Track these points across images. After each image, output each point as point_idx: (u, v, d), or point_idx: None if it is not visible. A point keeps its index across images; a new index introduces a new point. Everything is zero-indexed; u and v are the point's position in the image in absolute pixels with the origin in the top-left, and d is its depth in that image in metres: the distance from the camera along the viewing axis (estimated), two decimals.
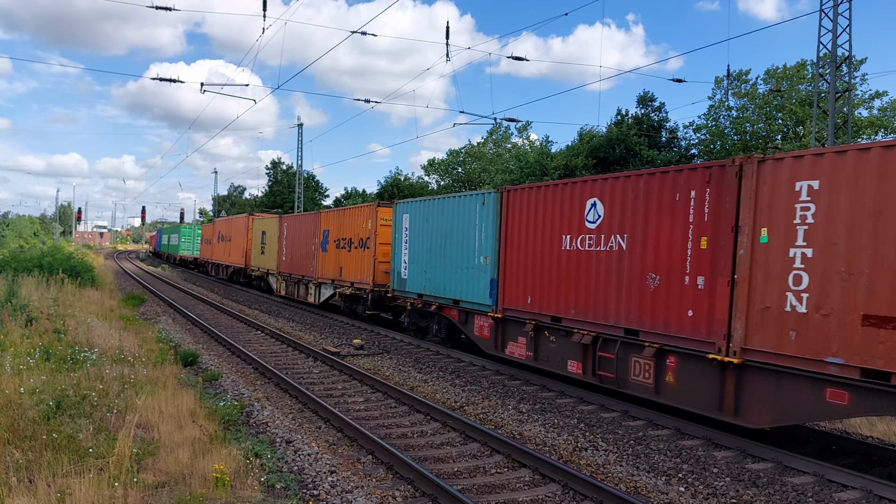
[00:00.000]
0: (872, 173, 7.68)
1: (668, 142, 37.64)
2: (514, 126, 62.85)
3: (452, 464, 8.25)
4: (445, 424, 9.91)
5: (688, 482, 7.80)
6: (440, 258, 16.50)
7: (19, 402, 8.19)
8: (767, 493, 7.54)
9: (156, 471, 7.08)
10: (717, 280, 9.33)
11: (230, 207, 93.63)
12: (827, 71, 20.89)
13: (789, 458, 8.51)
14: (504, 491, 7.44)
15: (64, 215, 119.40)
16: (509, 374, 13.68)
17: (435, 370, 14.18)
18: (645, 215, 10.60)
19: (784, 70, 33.17)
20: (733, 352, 9.00)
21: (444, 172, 63.34)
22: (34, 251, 33.87)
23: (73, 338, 13.44)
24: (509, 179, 40.24)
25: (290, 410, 10.61)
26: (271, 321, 22.08)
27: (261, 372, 13.56)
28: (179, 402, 9.49)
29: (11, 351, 11.17)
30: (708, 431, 9.63)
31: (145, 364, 11.98)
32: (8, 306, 14.90)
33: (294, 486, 7.15)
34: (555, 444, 9.13)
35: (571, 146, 39.99)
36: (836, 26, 20.26)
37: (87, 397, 8.97)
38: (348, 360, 15.15)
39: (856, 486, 7.70)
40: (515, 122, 49.81)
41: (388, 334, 18.97)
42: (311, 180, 75.73)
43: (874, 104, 31.57)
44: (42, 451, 6.98)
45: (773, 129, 33.67)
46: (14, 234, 64.50)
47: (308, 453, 8.22)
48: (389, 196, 54.28)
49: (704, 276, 9.54)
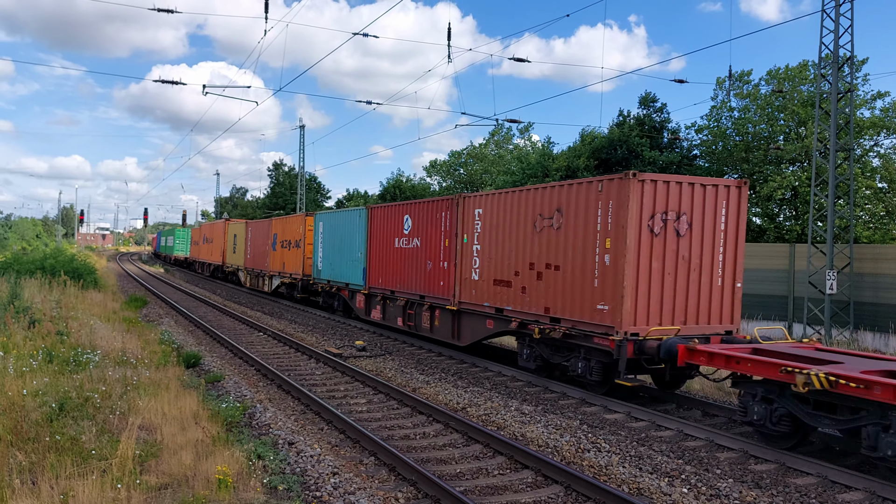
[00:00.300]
0: (498, 206, 14.29)
1: (669, 143, 37.60)
2: (516, 127, 62.82)
3: (455, 465, 8.25)
4: (448, 426, 9.90)
5: (691, 483, 7.79)
6: (339, 254, 22.86)
7: (22, 405, 8.21)
8: (771, 494, 7.52)
9: (159, 473, 7.09)
10: (450, 264, 16.02)
11: (232, 209, 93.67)
12: (829, 71, 20.86)
13: (792, 460, 8.50)
14: (506, 492, 7.44)
15: (66, 217, 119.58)
16: (511, 376, 13.68)
17: (437, 371, 14.18)
18: (426, 226, 17.16)
19: (786, 71, 33.08)
20: (456, 303, 15.68)
21: (445, 174, 63.35)
22: (37, 253, 33.94)
23: (76, 340, 13.46)
24: (511, 181, 40.21)
25: (292, 412, 10.61)
26: (273, 322, 22.10)
27: (263, 374, 13.57)
28: (182, 403, 9.50)
29: (14, 353, 11.19)
30: (711, 433, 9.62)
31: (148, 366, 11.99)
32: (11, 308, 14.91)
33: (297, 487, 7.15)
34: (557, 445, 9.13)
35: (573, 147, 39.97)
36: (837, 27, 20.23)
37: (90, 399, 8.98)
38: (350, 361, 15.16)
39: (859, 487, 7.68)
40: (517, 124, 49.73)
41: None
42: (312, 182, 75.79)
43: (876, 105, 31.45)
44: (45, 453, 6.99)
45: (776, 130, 33.57)
46: (17, 236, 64.62)
47: (311, 455, 8.23)
48: (392, 197, 54.49)
49: (447, 262, 16.17)
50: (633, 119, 38.81)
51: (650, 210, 11.19)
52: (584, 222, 11.89)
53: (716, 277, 11.90)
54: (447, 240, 16.20)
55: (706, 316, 11.78)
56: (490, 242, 14.54)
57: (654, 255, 11.26)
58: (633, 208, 11.02)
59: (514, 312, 13.60)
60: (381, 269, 19.58)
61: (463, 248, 15.50)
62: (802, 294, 20.92)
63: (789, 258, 21.74)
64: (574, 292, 12.05)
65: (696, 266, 11.65)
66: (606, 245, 11.43)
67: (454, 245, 15.83)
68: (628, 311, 11.02)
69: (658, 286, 11.32)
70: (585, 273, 11.83)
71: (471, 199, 15.42)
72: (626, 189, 11.04)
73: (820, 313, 20.19)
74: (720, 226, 11.86)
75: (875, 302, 19.64)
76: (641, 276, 11.17)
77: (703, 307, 11.75)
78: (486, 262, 14.66)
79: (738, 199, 12.00)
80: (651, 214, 11.20)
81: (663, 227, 11.33)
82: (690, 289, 11.60)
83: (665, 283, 11.38)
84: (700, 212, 11.63)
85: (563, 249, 12.39)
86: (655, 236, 11.26)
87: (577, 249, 12.03)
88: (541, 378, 13.12)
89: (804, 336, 20.36)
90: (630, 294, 11.06)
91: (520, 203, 13.71)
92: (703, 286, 11.72)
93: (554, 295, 12.54)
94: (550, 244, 12.71)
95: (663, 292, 11.38)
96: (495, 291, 14.29)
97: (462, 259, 15.52)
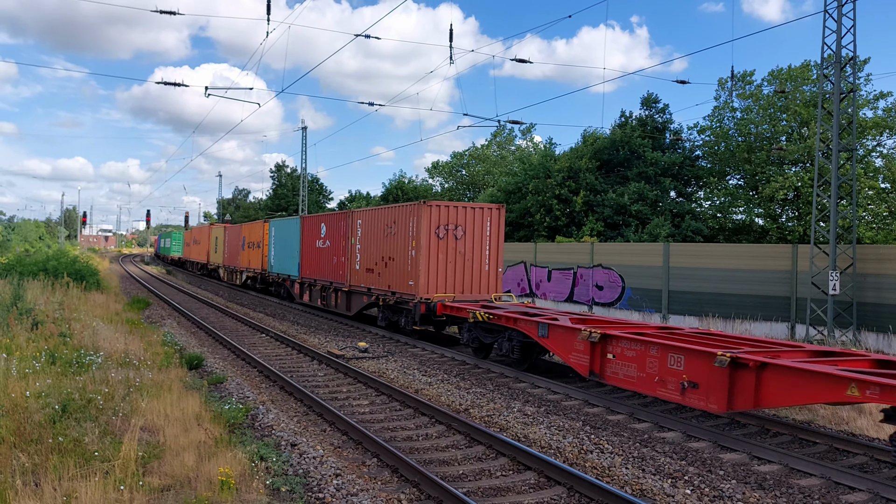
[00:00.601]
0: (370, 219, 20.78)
1: (672, 143, 37.56)
2: (518, 128, 62.85)
3: (457, 466, 8.24)
4: (450, 427, 9.89)
5: (694, 485, 7.78)
6: (283, 253, 29.54)
7: (25, 406, 8.21)
8: (774, 495, 7.51)
9: (161, 474, 7.09)
10: (345, 259, 22.58)
11: (235, 211, 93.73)
12: (831, 72, 20.83)
13: (796, 461, 8.48)
14: (509, 494, 7.43)
15: (69, 219, 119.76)
16: (514, 377, 13.67)
17: (440, 373, 14.17)
18: (334, 232, 23.82)
19: (788, 71, 33.05)
20: (348, 286, 22.23)
21: (447, 175, 63.35)
22: (39, 255, 34.00)
23: (79, 341, 13.47)
24: (513, 182, 40.23)
25: (294, 413, 10.61)
26: (276, 324, 22.11)
27: (265, 375, 13.57)
28: (185, 405, 9.50)
29: (17, 355, 11.20)
30: (714, 435, 9.61)
31: (150, 367, 12.00)
32: (14, 310, 14.93)
33: (299, 489, 7.15)
34: (560, 446, 9.12)
35: (575, 148, 39.95)
36: (840, 27, 20.20)
37: (93, 401, 8.98)
38: (353, 362, 15.15)
39: (863, 488, 7.66)
40: (519, 125, 49.70)
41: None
42: (314, 183, 75.82)
43: (879, 105, 31.42)
44: (48, 455, 7.00)
45: (778, 131, 33.54)
46: (20, 238, 64.69)
47: (313, 456, 8.23)
48: (394, 199, 54.59)
49: (344, 257, 22.72)
50: (634, 120, 38.79)
51: (437, 223, 17.86)
52: (405, 231, 18.68)
53: (483, 265, 18.40)
54: (344, 241, 23.14)
55: (476, 289, 18.33)
56: (365, 243, 21.43)
57: (440, 251, 17.90)
58: (425, 223, 17.76)
59: (376, 290, 20.43)
60: (308, 263, 26.59)
61: (351, 247, 22.44)
62: (805, 295, 20.88)
63: (792, 259, 21.70)
64: (401, 275, 18.86)
65: (469, 258, 18.25)
66: (413, 245, 18.22)
67: (347, 245, 22.81)
68: (423, 284, 17.81)
69: (442, 270, 17.95)
70: (405, 262, 18.62)
71: (356, 213, 22.52)
72: (421, 211, 17.81)
73: (823, 314, 20.15)
74: (486, 232, 18.39)
75: (878, 302, 19.59)
76: (431, 264, 17.80)
77: (473, 284, 18.30)
78: (363, 257, 21.56)
79: (498, 217, 18.51)
80: (437, 226, 17.86)
81: (446, 233, 18.02)
82: (465, 272, 18.21)
83: (447, 269, 18.01)
84: (471, 224, 18.24)
85: (396, 248, 19.24)
86: (441, 239, 17.94)
87: (401, 247, 18.89)
88: (546, 381, 13.15)
89: (807, 337, 20.32)
90: (423, 275, 17.81)
91: (379, 217, 20.43)
92: (473, 271, 18.29)
93: (392, 277, 19.37)
94: (390, 244, 19.55)
95: (446, 274, 17.99)
96: (367, 276, 21.15)
97: (351, 255, 22.49)
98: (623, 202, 34.34)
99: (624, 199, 34.40)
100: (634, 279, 26.11)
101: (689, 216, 34.27)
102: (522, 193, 38.79)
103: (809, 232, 23.29)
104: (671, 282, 24.82)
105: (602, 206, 35.28)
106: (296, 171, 77.04)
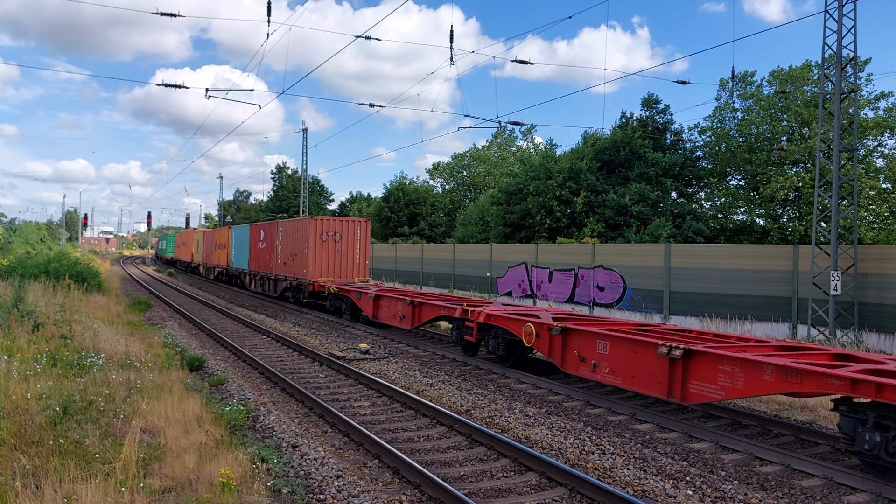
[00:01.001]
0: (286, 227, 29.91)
1: (672, 144, 37.53)
2: (519, 129, 62.85)
3: (459, 468, 8.23)
4: (451, 428, 9.88)
5: (695, 485, 7.76)
6: (240, 252, 37.87)
7: (26, 408, 8.20)
8: (776, 496, 7.49)
9: (162, 476, 7.08)
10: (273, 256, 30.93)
11: (236, 212, 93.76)
12: (832, 72, 20.82)
13: (798, 461, 8.46)
14: (511, 495, 7.41)
15: (70, 221, 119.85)
16: (516, 378, 13.66)
17: (441, 374, 14.16)
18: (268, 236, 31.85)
19: (789, 71, 33.02)
20: (273, 276, 30.92)
21: (448, 176, 63.35)
22: (41, 257, 33.99)
23: (80, 343, 13.47)
24: (513, 183, 40.20)
25: (296, 415, 10.60)
26: (277, 325, 22.11)
27: (266, 376, 13.56)
28: (186, 406, 9.49)
29: (18, 356, 11.20)
30: (716, 435, 9.59)
31: (151, 369, 12.00)
32: (15, 312, 14.93)
33: (300, 490, 7.14)
34: (562, 447, 9.10)
35: (576, 149, 39.92)
36: (840, 27, 20.19)
37: (94, 402, 8.97)
38: (354, 364, 15.14)
39: (865, 488, 7.65)
40: (520, 126, 49.72)
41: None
42: (315, 185, 75.83)
43: (879, 105, 31.39)
44: (49, 457, 6.99)
45: (779, 131, 33.51)
46: (21, 240, 64.69)
47: (314, 458, 8.22)
48: (395, 200, 54.50)
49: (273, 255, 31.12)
50: (635, 121, 38.76)
51: (321, 231, 26.49)
52: (304, 236, 27.03)
53: (355, 259, 27.03)
54: (272, 243, 31.45)
55: (349, 276, 26.85)
56: (283, 244, 29.82)
57: (323, 249, 26.47)
58: (312, 231, 26.34)
59: (289, 277, 28.58)
60: (254, 260, 34.91)
61: (276, 247, 30.74)
62: (807, 295, 20.86)
63: (793, 259, 21.68)
64: (300, 265, 27.23)
65: (344, 255, 26.82)
66: (308, 244, 26.44)
67: (274, 246, 31.08)
68: (311, 272, 26.24)
69: (325, 263, 26.40)
70: (304, 257, 26.83)
71: (279, 223, 31.15)
72: (310, 223, 26.54)
73: (824, 314, 20.13)
74: (357, 238, 27.14)
75: (879, 302, 19.56)
76: (317, 259, 26.28)
77: (347, 272, 26.83)
78: (282, 254, 29.87)
79: (365, 227, 27.44)
80: (322, 232, 26.44)
81: (328, 238, 26.54)
82: (340, 264, 26.73)
83: (329, 262, 26.49)
84: (346, 232, 26.95)
85: (299, 247, 27.58)
86: (324, 242, 26.46)
87: (301, 247, 27.27)
88: (547, 381, 13.15)
89: (808, 338, 20.29)
90: (311, 265, 26.26)
91: (291, 226, 29.18)
92: (347, 264, 26.85)
93: (296, 267, 27.83)
94: (295, 245, 27.98)
95: (327, 266, 26.46)
96: (284, 268, 29.50)
97: (276, 253, 30.76)
98: (624, 203, 34.32)
99: (625, 199, 34.38)
100: (636, 280, 26.09)
101: (690, 217, 34.24)
102: (523, 194, 38.78)
103: (811, 232, 23.27)
104: (672, 282, 24.80)
105: (603, 207, 35.26)
106: (297, 172, 77.08)
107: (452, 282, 36.94)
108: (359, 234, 27.19)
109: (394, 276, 42.71)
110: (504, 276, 33.06)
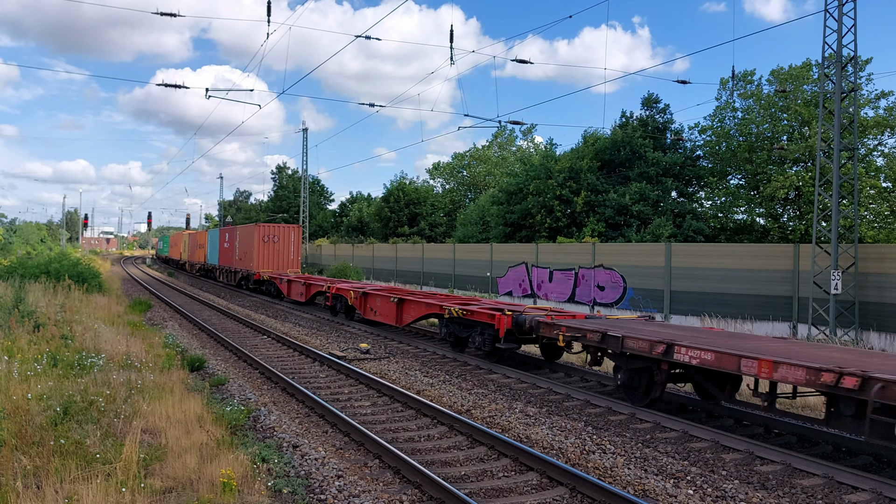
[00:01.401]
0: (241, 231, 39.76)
1: (673, 143, 37.52)
2: (519, 129, 62.84)
3: (459, 467, 8.23)
4: (452, 428, 9.88)
5: (696, 485, 7.76)
6: (212, 250, 46.36)
7: (27, 409, 8.20)
8: (777, 495, 7.49)
9: (163, 476, 7.08)
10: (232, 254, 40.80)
11: (236, 213, 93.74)
12: (832, 71, 20.81)
13: (798, 461, 8.46)
14: (511, 494, 7.41)
15: (71, 221, 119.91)
16: (517, 378, 13.66)
17: (442, 374, 14.17)
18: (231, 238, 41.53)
19: (789, 71, 32.98)
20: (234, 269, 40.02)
21: (448, 175, 63.32)
22: (41, 257, 34.02)
23: (81, 343, 13.47)
24: (514, 182, 40.20)
25: (296, 415, 10.60)
26: (277, 325, 22.12)
27: (267, 377, 13.56)
28: (186, 407, 9.49)
29: (19, 357, 11.20)
30: (716, 434, 9.59)
31: (152, 369, 12.00)
32: (15, 312, 14.94)
33: (301, 490, 7.14)
34: (562, 447, 9.10)
35: (576, 149, 39.90)
36: (840, 26, 20.18)
37: (95, 403, 8.98)
38: (355, 364, 15.15)
39: (866, 487, 7.64)
40: (520, 125, 49.71)
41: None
42: (316, 185, 75.83)
43: (880, 104, 31.35)
44: (49, 457, 6.99)
45: (779, 130, 33.48)
46: (21, 240, 64.72)
47: (315, 458, 8.22)
48: (395, 200, 54.49)
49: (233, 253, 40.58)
50: (636, 120, 38.73)
51: (264, 234, 35.77)
52: (250, 238, 36.29)
53: (289, 256, 36.33)
54: (233, 243, 39.77)
55: (284, 268, 35.63)
56: (239, 244, 38.17)
57: (265, 248, 35.71)
58: (257, 235, 35.75)
59: (242, 269, 36.90)
60: (221, 257, 43.02)
61: (235, 247, 38.97)
62: (807, 294, 20.86)
63: (794, 258, 21.68)
64: (249, 261, 36.05)
65: (281, 253, 36.10)
66: (254, 244, 35.69)
67: (233, 246, 39.59)
68: (255, 265, 35.45)
69: (266, 259, 35.59)
70: (251, 254, 35.80)
71: (237, 228, 39.69)
72: (255, 228, 36.25)
73: (825, 313, 20.13)
74: (291, 239, 36.56)
75: (880, 301, 19.56)
76: (260, 256, 35.46)
77: (282, 265, 35.95)
78: (238, 252, 37.95)
79: (297, 231, 37.11)
80: (264, 236, 35.73)
81: (269, 239, 35.90)
82: (277, 260, 35.90)
83: (270, 258, 35.68)
84: (283, 235, 36.41)
85: (248, 247, 36.29)
86: (265, 243, 35.76)
87: (249, 247, 36.27)
88: (548, 381, 13.12)
89: (809, 336, 20.28)
90: (256, 260, 35.47)
91: (244, 230, 37.73)
92: (282, 259, 36.07)
93: (246, 262, 36.53)
94: (246, 245, 36.73)
95: (268, 261, 35.60)
96: (239, 262, 37.88)
97: (234, 251, 39.09)
98: (624, 202, 34.31)
99: (625, 199, 34.37)
100: (636, 279, 26.09)
101: (690, 216, 34.23)
102: (523, 194, 38.77)
103: (811, 231, 23.28)
104: (673, 282, 24.80)
105: (603, 207, 35.25)
106: (297, 172, 77.06)
107: (453, 282, 36.95)
108: (292, 237, 36.52)
109: (394, 276, 42.73)
110: (504, 276, 33.07)
